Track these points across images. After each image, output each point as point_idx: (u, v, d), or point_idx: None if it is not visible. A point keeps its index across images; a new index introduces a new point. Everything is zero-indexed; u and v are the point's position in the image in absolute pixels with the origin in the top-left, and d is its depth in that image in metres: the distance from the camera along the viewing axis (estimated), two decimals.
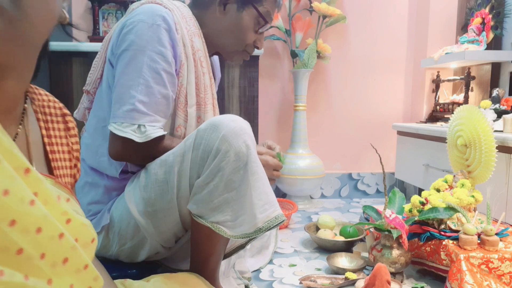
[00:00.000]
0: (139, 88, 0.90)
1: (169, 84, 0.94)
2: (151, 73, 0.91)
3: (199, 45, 1.02)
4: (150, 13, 0.92)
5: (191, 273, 0.90)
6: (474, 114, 1.25)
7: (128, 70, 0.91)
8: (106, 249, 0.99)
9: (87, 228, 0.48)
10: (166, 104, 0.94)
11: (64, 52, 1.79)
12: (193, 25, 1.02)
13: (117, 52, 0.93)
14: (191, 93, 1.00)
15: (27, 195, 0.39)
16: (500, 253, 1.05)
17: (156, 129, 0.91)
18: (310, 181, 2.09)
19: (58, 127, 0.56)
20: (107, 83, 0.98)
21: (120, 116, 0.89)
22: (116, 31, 0.96)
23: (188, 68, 0.99)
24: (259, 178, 0.87)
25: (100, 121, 1.00)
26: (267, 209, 0.87)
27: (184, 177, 0.88)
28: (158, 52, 0.92)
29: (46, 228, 0.41)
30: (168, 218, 0.92)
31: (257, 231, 0.86)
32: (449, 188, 1.32)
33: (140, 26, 0.91)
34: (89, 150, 1.02)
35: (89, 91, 1.07)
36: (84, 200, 1.01)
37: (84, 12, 2.12)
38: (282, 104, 2.34)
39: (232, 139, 0.84)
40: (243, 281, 1.14)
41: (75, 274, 0.45)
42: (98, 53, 1.05)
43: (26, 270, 0.39)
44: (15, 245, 0.38)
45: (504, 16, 1.87)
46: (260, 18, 1.07)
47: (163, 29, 0.92)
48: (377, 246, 1.18)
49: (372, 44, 2.36)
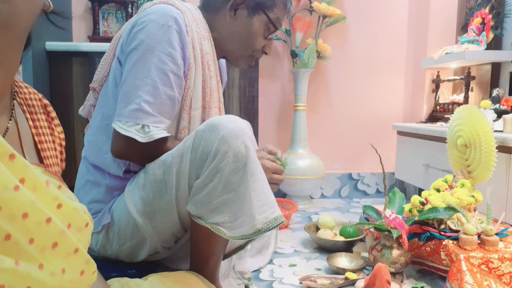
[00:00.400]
0: (146, 88, 0.90)
1: (175, 86, 0.94)
2: (159, 74, 0.91)
3: (208, 49, 1.02)
4: (162, 14, 0.92)
5: (190, 271, 0.90)
6: (474, 114, 1.25)
7: (136, 69, 0.91)
8: (106, 248, 0.99)
9: (79, 213, 0.48)
10: (172, 105, 0.94)
11: (64, 52, 1.79)
12: (203, 28, 1.02)
13: (126, 50, 0.93)
14: (197, 96, 1.00)
15: (10, 181, 0.39)
16: (500, 253, 1.05)
17: (159, 130, 0.91)
18: (310, 181, 2.09)
19: (42, 117, 0.58)
20: (114, 80, 0.98)
21: (125, 115, 0.89)
22: (127, 29, 0.96)
23: (196, 71, 0.99)
24: (258, 179, 0.87)
25: (104, 118, 1.00)
26: (266, 210, 0.87)
27: (183, 178, 0.88)
28: (168, 53, 0.91)
29: (33, 214, 0.41)
30: (166, 218, 0.92)
31: (256, 233, 0.86)
32: (449, 188, 1.32)
33: (151, 25, 0.91)
34: (92, 147, 1.02)
35: (95, 88, 1.07)
36: (85, 198, 1.01)
37: (84, 12, 2.12)
38: (282, 104, 2.34)
39: (231, 140, 0.83)
40: (243, 281, 1.14)
41: (66, 258, 0.45)
42: (107, 51, 1.05)
43: (16, 256, 0.39)
44: (2, 231, 0.38)
45: (504, 16, 1.87)
46: (270, 24, 1.07)
47: (174, 30, 0.92)
48: (377, 246, 1.18)
49: (372, 44, 2.36)
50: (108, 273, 0.85)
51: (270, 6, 1.06)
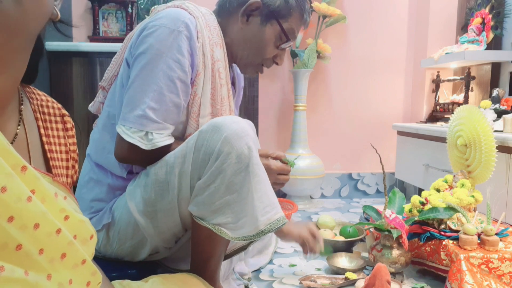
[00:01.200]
0: (152, 94, 0.89)
1: (182, 93, 0.93)
2: (166, 80, 0.90)
3: (220, 56, 1.00)
4: (174, 18, 0.92)
5: (190, 273, 0.90)
6: (474, 114, 1.25)
7: (144, 74, 0.90)
8: (106, 247, 0.99)
9: (85, 225, 0.49)
10: (177, 112, 0.94)
11: (64, 52, 1.79)
12: (216, 34, 1.00)
13: (135, 53, 0.93)
14: (205, 104, 0.98)
15: (24, 192, 0.39)
16: (500, 253, 1.05)
17: (163, 137, 0.91)
18: (310, 181, 2.09)
19: (57, 127, 0.57)
20: (121, 81, 0.97)
21: (129, 121, 0.89)
22: (137, 32, 0.96)
23: (205, 78, 0.97)
24: (261, 181, 0.87)
25: (110, 117, 1.00)
26: (269, 211, 0.87)
27: (185, 179, 0.88)
28: (176, 60, 0.91)
29: (44, 224, 0.41)
30: (168, 218, 0.92)
31: (259, 234, 0.86)
32: (449, 188, 1.32)
33: (161, 30, 0.90)
34: (96, 146, 1.02)
35: (104, 87, 1.07)
36: (88, 196, 1.01)
37: (84, 12, 2.12)
38: (282, 104, 2.34)
39: (234, 141, 0.83)
40: (243, 282, 1.14)
41: (73, 269, 0.46)
42: (118, 51, 1.05)
43: (26, 266, 0.40)
44: (14, 241, 0.38)
45: (504, 16, 1.87)
46: (282, 34, 1.05)
47: (184, 36, 0.91)
48: (377, 246, 1.18)
49: (372, 44, 2.36)
50: (108, 273, 0.84)
51: (284, 16, 1.03)
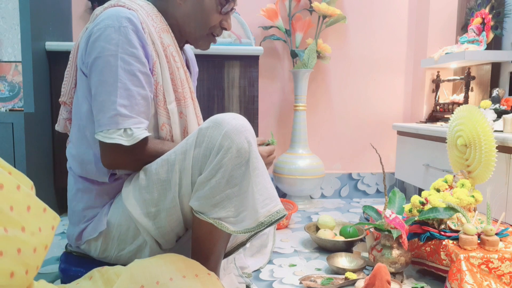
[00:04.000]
0: (118, 92, 0.89)
1: (146, 84, 0.94)
2: (127, 75, 0.90)
3: (169, 41, 1.01)
4: (115, 17, 0.92)
5: (171, 253, 0.89)
6: (474, 114, 1.25)
7: (104, 77, 0.90)
8: (105, 254, 1.00)
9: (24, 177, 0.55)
10: (146, 105, 0.94)
11: (64, 52, 1.79)
12: (160, 21, 1.01)
13: (88, 61, 0.93)
14: (168, 90, 0.99)
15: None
16: (500, 253, 1.05)
17: (142, 131, 0.91)
18: (310, 181, 2.09)
19: None
20: (83, 91, 0.97)
21: (105, 124, 0.89)
22: (84, 39, 0.95)
23: (162, 65, 0.98)
24: (260, 174, 0.88)
25: (81, 130, 0.99)
26: (268, 203, 0.88)
27: (185, 175, 0.89)
28: (130, 54, 0.91)
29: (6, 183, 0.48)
30: (171, 217, 0.93)
31: (259, 226, 0.87)
32: (449, 188, 1.32)
33: (108, 31, 0.90)
34: (75, 161, 1.01)
35: (65, 102, 1.08)
36: (79, 206, 1.01)
37: (84, 12, 2.12)
38: (282, 104, 2.34)
39: (234, 135, 0.85)
40: (244, 279, 1.14)
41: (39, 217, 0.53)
42: (68, 63, 1.05)
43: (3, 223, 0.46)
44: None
45: (504, 16, 1.87)
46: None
47: (131, 30, 0.92)
48: (377, 246, 1.18)
49: (372, 44, 2.36)
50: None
51: None
